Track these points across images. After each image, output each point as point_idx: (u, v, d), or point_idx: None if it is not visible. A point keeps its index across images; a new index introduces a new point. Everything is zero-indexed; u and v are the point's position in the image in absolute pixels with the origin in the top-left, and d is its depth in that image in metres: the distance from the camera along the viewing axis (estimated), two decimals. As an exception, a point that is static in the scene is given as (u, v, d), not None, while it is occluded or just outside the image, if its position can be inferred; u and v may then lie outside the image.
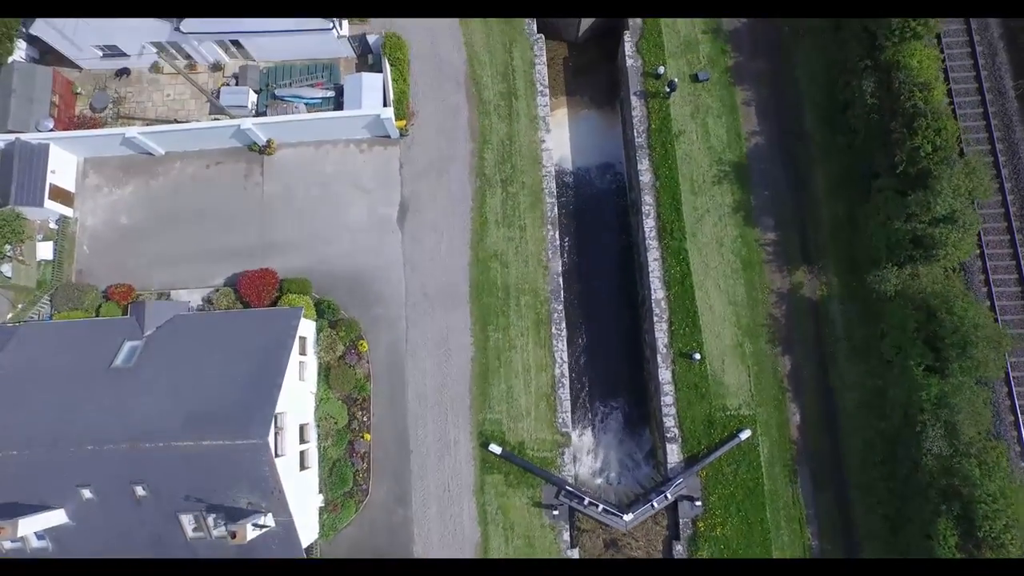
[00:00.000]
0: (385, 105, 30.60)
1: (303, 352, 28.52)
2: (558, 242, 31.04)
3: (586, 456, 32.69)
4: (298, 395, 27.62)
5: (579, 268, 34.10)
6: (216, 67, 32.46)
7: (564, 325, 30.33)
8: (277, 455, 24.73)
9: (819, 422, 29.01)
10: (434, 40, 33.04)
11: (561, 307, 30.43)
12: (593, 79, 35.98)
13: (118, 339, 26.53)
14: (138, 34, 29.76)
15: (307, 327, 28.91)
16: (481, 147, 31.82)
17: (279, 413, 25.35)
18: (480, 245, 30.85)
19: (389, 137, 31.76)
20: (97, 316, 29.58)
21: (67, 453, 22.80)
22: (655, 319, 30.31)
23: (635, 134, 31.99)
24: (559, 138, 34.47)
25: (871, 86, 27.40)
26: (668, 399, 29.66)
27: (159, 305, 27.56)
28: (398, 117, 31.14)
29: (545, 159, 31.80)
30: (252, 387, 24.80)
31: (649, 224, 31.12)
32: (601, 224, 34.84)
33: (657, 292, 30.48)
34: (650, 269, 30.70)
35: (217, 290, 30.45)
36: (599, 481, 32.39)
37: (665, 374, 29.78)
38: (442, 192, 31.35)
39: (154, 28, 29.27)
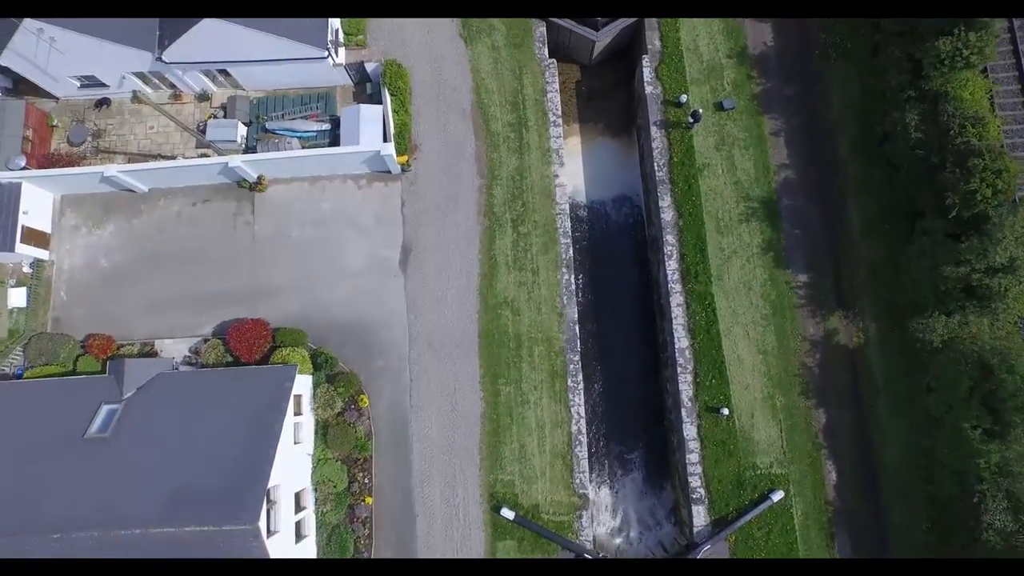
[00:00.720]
0: (385, 140, 28.11)
1: (298, 411, 26.03)
2: (574, 286, 28.57)
3: (603, 513, 30.25)
4: (293, 460, 25.12)
5: (593, 308, 31.64)
6: (203, 97, 29.92)
7: (581, 377, 27.86)
8: (270, 533, 22.29)
9: (858, 482, 26.59)
10: (437, 67, 30.53)
11: (578, 358, 27.94)
12: (607, 105, 33.52)
13: (94, 402, 24.00)
14: (118, 64, 27.18)
15: (303, 383, 26.42)
16: (489, 183, 29.35)
17: (272, 487, 22.91)
18: (489, 290, 28.38)
19: (390, 172, 29.28)
20: (74, 370, 27.08)
21: (30, 543, 20.25)
22: (679, 370, 27.84)
23: (655, 167, 29.53)
24: (571, 168, 31.99)
25: (915, 118, 24.94)
26: (693, 457, 27.22)
27: (140, 363, 25.01)
28: (399, 151, 28.66)
29: (559, 195, 29.32)
30: (242, 459, 22.30)
31: (672, 266, 28.67)
32: (617, 261, 32.38)
33: (681, 341, 28.02)
34: (673, 315, 28.23)
35: (205, 340, 27.92)
36: (618, 541, 29.95)
37: (690, 429, 27.34)
38: (448, 233, 28.87)
39: (134, 57, 26.68)
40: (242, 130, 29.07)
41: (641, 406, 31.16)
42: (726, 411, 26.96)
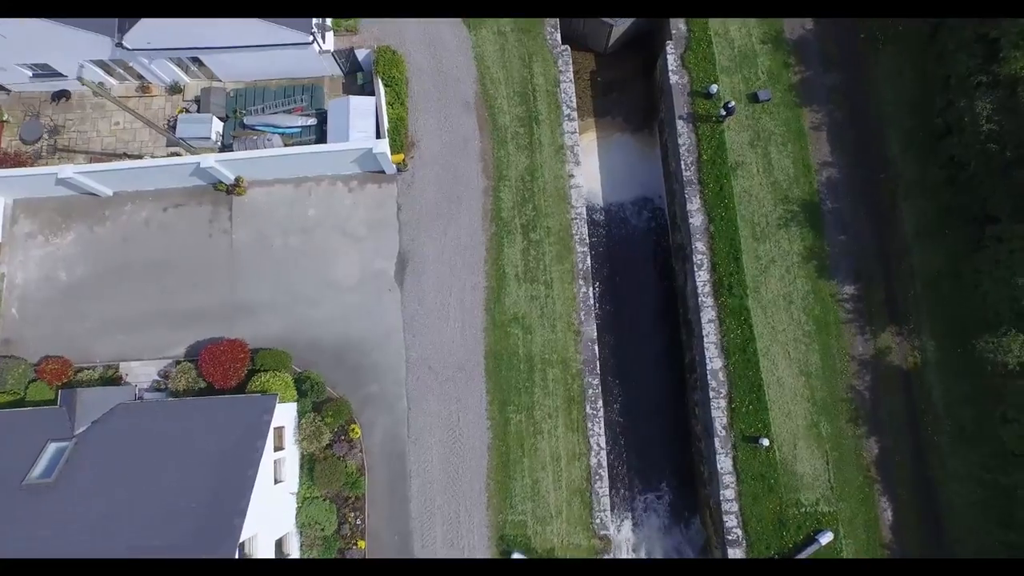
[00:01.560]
0: (378, 136, 24.64)
1: (279, 445, 22.62)
2: (592, 300, 25.16)
3: (624, 553, 26.83)
4: (274, 502, 21.72)
5: (610, 324, 28.20)
6: (175, 89, 26.47)
7: (601, 404, 24.46)
8: (244, 595, 18.90)
9: (918, 523, 23.20)
10: (437, 54, 27.08)
11: (597, 381, 24.54)
12: (626, 98, 30.08)
13: (41, 439, 20.57)
14: (72, 50, 23.73)
15: (285, 413, 23.00)
16: (496, 184, 25.92)
17: (246, 540, 19.51)
18: (497, 306, 24.96)
19: (384, 173, 25.85)
20: (23, 399, 23.65)
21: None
22: (711, 394, 24.45)
23: (682, 166, 26.11)
24: (587, 168, 28.53)
25: (987, 108, 21.53)
26: (729, 493, 23.84)
27: (96, 392, 21.54)
28: (394, 149, 25.22)
29: (575, 198, 25.89)
30: (211, 509, 18.85)
31: (702, 277, 25.25)
32: (637, 271, 28.94)
33: (713, 361, 24.62)
34: (704, 332, 24.82)
35: (177, 363, 24.52)
36: (642, 585, 26.58)
37: (724, 462, 23.95)
38: (450, 240, 25.44)
39: (91, 43, 23.19)
40: (217, 126, 25.60)
41: (665, 432, 27.73)
42: (766, 441, 23.56)
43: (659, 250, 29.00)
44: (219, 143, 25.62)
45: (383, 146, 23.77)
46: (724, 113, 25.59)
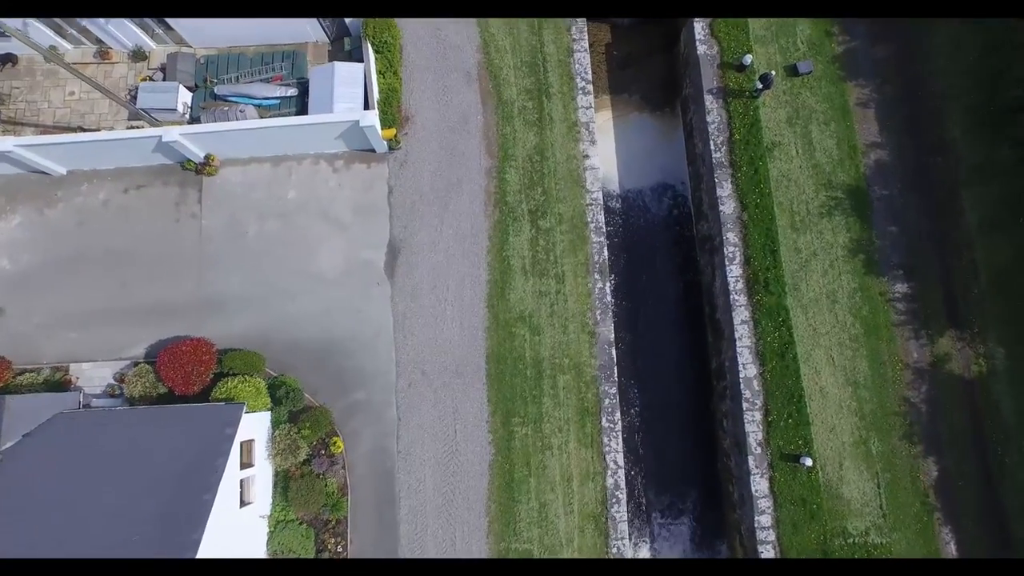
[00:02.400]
0: (367, 107, 21.46)
1: (248, 462, 19.37)
2: (609, 297, 21.92)
3: (642, 582, 23.61)
4: (239, 529, 18.45)
5: (626, 323, 24.96)
6: (139, 55, 23.23)
7: (619, 416, 21.22)
8: (197, 645, 15.65)
9: (988, 558, 20.03)
10: (435, 19, 23.87)
11: (615, 390, 21.31)
12: (645, 73, 26.76)
13: (-37, 456, 17.39)
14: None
15: (256, 423, 19.76)
16: (501, 165, 22.70)
17: (201, 578, 16.27)
18: (501, 303, 21.73)
19: (374, 151, 22.61)
20: (-43, 407, 20.44)
21: None
22: (744, 405, 21.22)
23: (711, 147, 22.89)
24: (601, 151, 25.11)
25: (1072, 79, 18.48)
26: (765, 520, 20.60)
27: (30, 401, 18.31)
28: (385, 123, 22.00)
29: (590, 181, 22.65)
30: (158, 541, 15.52)
31: (734, 272, 22.03)
32: (656, 264, 25.68)
33: (747, 368, 21.39)
34: (736, 335, 21.60)
35: (135, 364, 21.30)
36: (662, 620, 23.33)
37: (760, 483, 20.71)
38: (448, 228, 22.21)
39: None
40: (185, 96, 22.35)
41: (687, 446, 24.43)
42: (809, 461, 20.34)
43: (682, 242, 25.72)
44: (187, 116, 22.39)
45: (371, 118, 20.53)
46: (760, 87, 22.37)
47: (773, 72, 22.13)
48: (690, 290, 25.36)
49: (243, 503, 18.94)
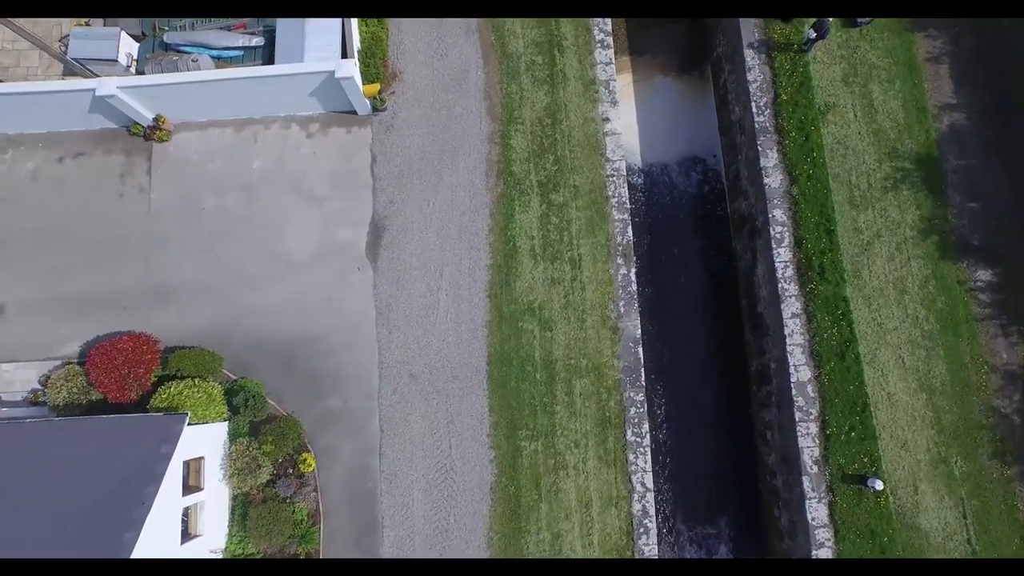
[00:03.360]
0: (345, 56, 17.75)
1: (195, 485, 15.56)
2: (634, 285, 18.19)
3: (670, 622, 19.84)
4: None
5: (649, 317, 21.19)
6: None
7: (647, 428, 17.48)
8: None
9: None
10: (429, -37, 20.16)
11: (642, 397, 17.54)
12: (669, 32, 22.93)
13: None
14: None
15: (207, 438, 15.94)
16: (506, 129, 18.92)
17: (120, 640, 12.49)
18: (505, 292, 17.95)
19: (355, 113, 18.85)
20: None
21: None
22: (796, 415, 17.47)
23: (753, 110, 19.13)
24: (621, 119, 21.53)
25: None
26: (825, 554, 16.81)
27: (-79, 411, 14.67)
28: (368, 78, 18.27)
29: (610, 148, 18.89)
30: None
31: (782, 257, 18.29)
32: (683, 248, 21.85)
33: (799, 371, 17.65)
34: (786, 331, 17.86)
35: (64, 364, 17.53)
36: (694, 668, 19.56)
37: (817, 509, 16.95)
38: (442, 202, 18.44)
39: (-56, -81, 16.33)
40: (130, 45, 18.54)
41: (720, 462, 20.64)
42: (879, 484, 16.60)
43: (714, 223, 21.91)
44: (132, 69, 18.65)
45: (349, 68, 16.76)
46: (812, 37, 18.60)
47: (829, 20, 18.43)
48: (723, 279, 21.54)
49: (188, 536, 15.16)
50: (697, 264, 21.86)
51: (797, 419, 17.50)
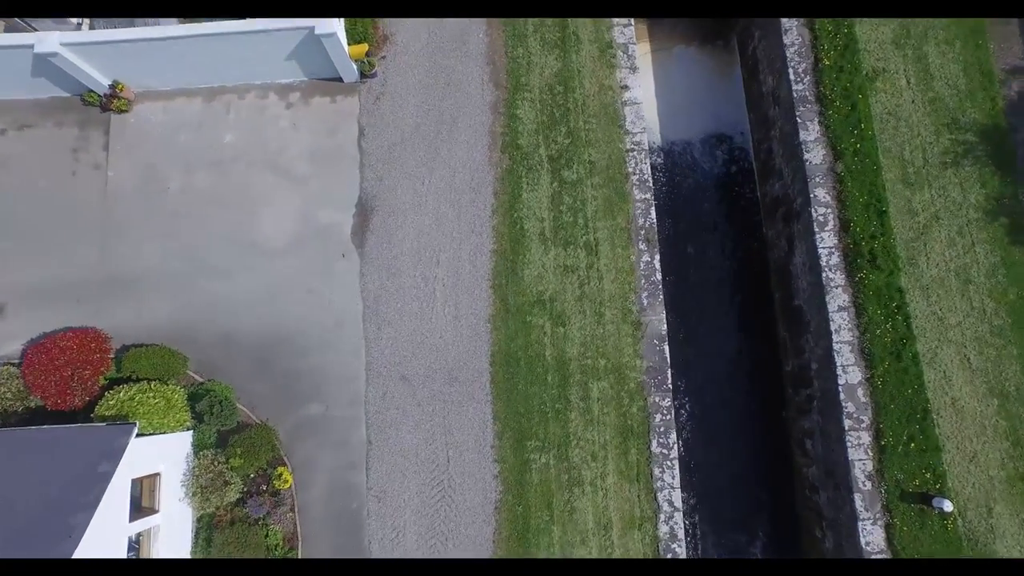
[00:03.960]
0: (327, 10, 15.38)
1: (149, 506, 13.18)
2: (659, 275, 15.80)
3: (696, 655, 17.44)
4: (130, 607, 12.34)
5: (670, 312, 18.75)
6: (30, -44, 17.20)
7: (674, 438, 15.09)
8: None
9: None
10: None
11: (669, 402, 15.11)
12: (692, -5, 20.75)
13: None
14: None
15: (168, 449, 13.54)
16: (511, 97, 16.51)
17: None
18: (511, 282, 15.56)
19: (341, 81, 16.47)
20: None
21: None
22: (846, 423, 15.04)
23: (790, 77, 16.69)
24: (641, 87, 19.14)
25: None
26: (880, 583, 14.49)
27: None
28: (353, 39, 15.91)
29: (630, 118, 16.46)
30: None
31: (826, 242, 15.88)
32: (707, 236, 19.44)
33: (848, 372, 15.24)
34: (832, 328, 15.44)
35: (2, 365, 15.15)
36: None
37: (873, 533, 14.52)
38: (439, 180, 16.03)
39: None
40: None
41: (752, 476, 18.22)
42: (947, 504, 14.19)
43: (741, 207, 19.52)
44: (84, 24, 16.25)
45: (332, 24, 14.42)
46: (860, -8, 16.36)
47: (880, -30, 16.07)
48: (752, 269, 19.12)
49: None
50: (722, 252, 19.40)
51: (846, 427, 15.07)
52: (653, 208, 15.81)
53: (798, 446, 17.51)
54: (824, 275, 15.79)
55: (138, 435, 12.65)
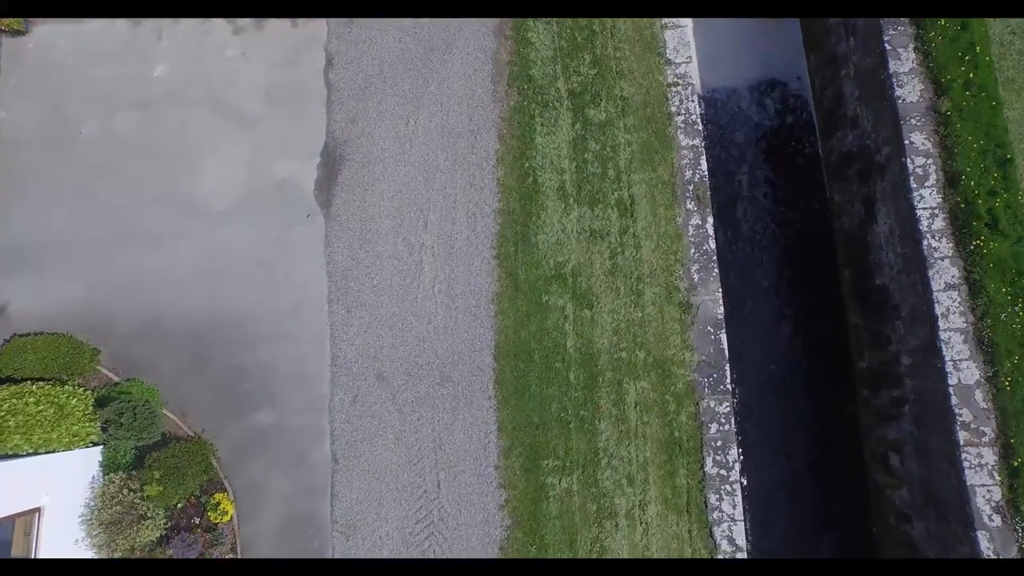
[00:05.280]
0: None
1: (24, 554, 9.49)
2: (712, 243, 12.01)
3: None
4: None
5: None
6: None
7: (735, 454, 11.31)
8: None
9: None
10: None
11: (728, 407, 11.25)
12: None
13: None
14: None
15: (49, 475, 9.84)
16: (520, 20, 12.81)
17: None
18: (522, 250, 11.70)
19: (303, -4, 12.84)
20: None
21: None
22: (959, 436, 11.18)
23: (875, -8, 13.03)
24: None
25: None
26: (1010, 649, 10.75)
27: None
28: (318, -63, 12.21)
29: (672, 45, 12.49)
30: None
31: (927, 201, 12.02)
32: (758, 200, 15.59)
33: (962, 369, 11.37)
34: (937, 311, 11.58)
35: None
36: None
37: (997, 580, 10.88)
38: (427, 120, 12.19)
39: None
40: None
41: (814, 497, 14.51)
42: (1106, 547, 10.53)
43: (798, 166, 15.67)
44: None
45: (283, -95, 10.74)
46: None
47: None
48: (812, 242, 15.39)
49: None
50: (774, 220, 15.57)
51: (961, 441, 11.24)
52: (703, 157, 11.96)
53: (879, 463, 13.68)
54: (925, 244, 11.92)
55: (6, 456, 8.96)
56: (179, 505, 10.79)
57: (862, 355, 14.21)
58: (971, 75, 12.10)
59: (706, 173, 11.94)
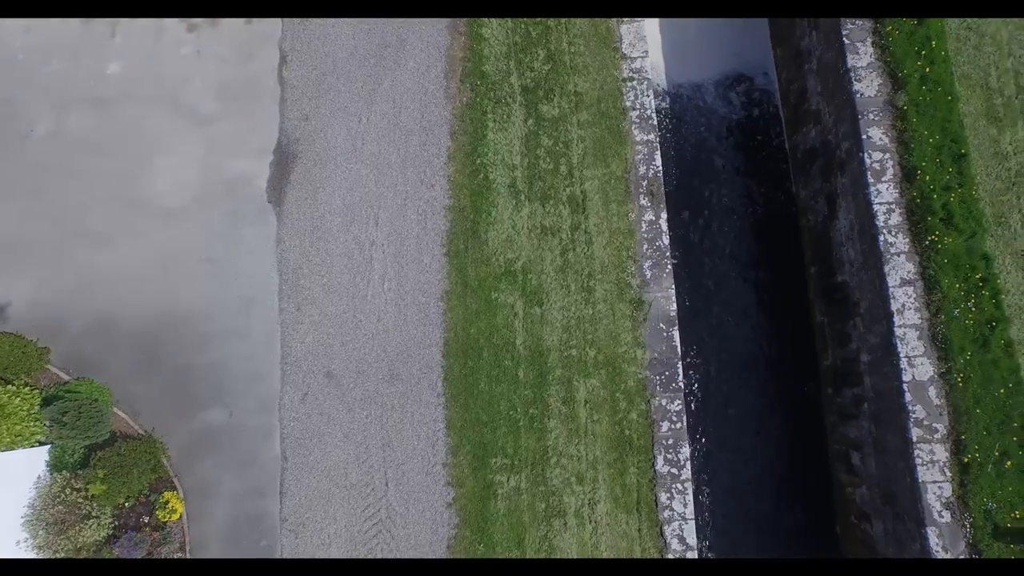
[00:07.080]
0: None
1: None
2: (667, 239, 11.87)
3: None
4: None
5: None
6: None
7: (687, 453, 11.17)
8: None
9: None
10: None
11: (680, 405, 11.13)
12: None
13: None
14: None
15: (7, 470, 9.84)
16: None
17: None
18: (473, 247, 11.52)
19: (257, -8, 12.69)
20: None
21: None
22: (912, 433, 11.02)
23: (834, -14, 12.85)
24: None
25: None
26: (962, 648, 10.60)
27: None
28: (269, -68, 12.06)
29: (628, 40, 12.37)
30: None
31: (883, 196, 11.82)
32: (722, 194, 15.42)
33: (916, 366, 11.24)
34: (892, 307, 11.42)
35: None
36: None
37: (949, 578, 10.73)
38: (381, 119, 11.97)
39: None
40: None
41: (778, 498, 14.35)
42: (1058, 544, 10.40)
43: (763, 161, 15.49)
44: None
45: (227, -100, 10.58)
46: None
47: None
48: (779, 237, 15.20)
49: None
50: (739, 217, 15.40)
51: (914, 439, 11.10)
52: (658, 152, 11.80)
53: (841, 461, 13.52)
54: (881, 239, 11.78)
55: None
56: (127, 504, 10.70)
57: (826, 353, 14.07)
58: (927, 70, 11.94)
59: (660, 168, 11.78)
